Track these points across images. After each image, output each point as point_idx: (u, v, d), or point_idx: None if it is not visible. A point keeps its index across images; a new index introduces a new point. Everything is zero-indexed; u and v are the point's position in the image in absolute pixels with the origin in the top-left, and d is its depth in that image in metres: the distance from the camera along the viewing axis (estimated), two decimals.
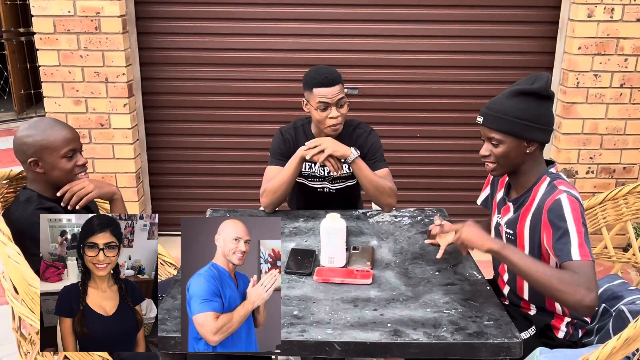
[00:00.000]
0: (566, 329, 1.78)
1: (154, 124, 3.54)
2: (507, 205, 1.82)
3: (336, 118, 2.18)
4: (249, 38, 3.40)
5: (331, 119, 2.17)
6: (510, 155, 1.69)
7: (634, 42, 3.18)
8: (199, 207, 3.45)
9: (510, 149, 1.68)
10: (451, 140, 3.57)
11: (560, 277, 1.51)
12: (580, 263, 1.53)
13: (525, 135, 1.66)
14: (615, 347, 1.41)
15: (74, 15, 3.13)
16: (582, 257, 1.53)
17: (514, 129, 1.66)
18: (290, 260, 1.85)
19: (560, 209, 1.59)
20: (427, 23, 3.39)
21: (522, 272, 1.56)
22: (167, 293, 1.65)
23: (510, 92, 1.69)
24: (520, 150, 1.69)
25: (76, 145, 1.83)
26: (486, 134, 1.71)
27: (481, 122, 1.72)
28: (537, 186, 1.71)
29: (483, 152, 1.73)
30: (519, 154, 1.69)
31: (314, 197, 2.41)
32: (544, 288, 1.53)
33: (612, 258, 2.30)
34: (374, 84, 3.47)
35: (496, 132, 1.68)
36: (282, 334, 1.45)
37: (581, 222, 1.58)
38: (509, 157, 1.70)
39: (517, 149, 1.68)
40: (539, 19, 3.37)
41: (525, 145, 1.68)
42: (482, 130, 1.72)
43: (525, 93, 1.67)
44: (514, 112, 1.66)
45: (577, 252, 1.54)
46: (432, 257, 1.89)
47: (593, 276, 1.52)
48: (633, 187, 2.17)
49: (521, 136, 1.66)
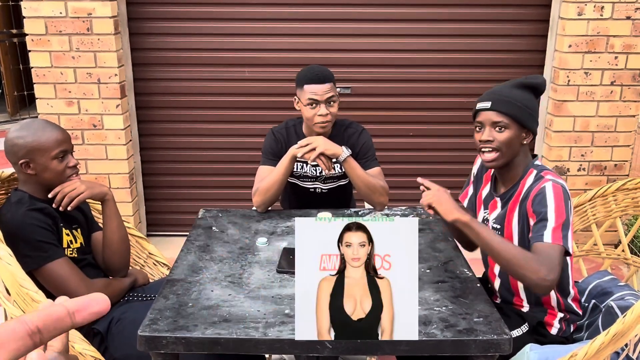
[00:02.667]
0: (559, 325, 1.80)
1: (147, 125, 3.54)
2: (494, 200, 1.83)
3: (325, 116, 2.18)
4: (242, 38, 3.41)
5: (320, 116, 2.18)
6: (512, 142, 1.71)
7: (624, 40, 3.20)
8: (192, 207, 3.45)
9: (513, 136, 1.70)
10: (443, 139, 3.59)
11: (526, 255, 1.57)
12: (549, 246, 1.57)
13: (528, 124, 1.71)
14: (604, 343, 1.43)
15: (66, 16, 3.13)
16: (554, 241, 1.57)
17: (522, 115, 1.69)
18: (282, 259, 1.86)
19: (544, 196, 1.63)
20: (419, 22, 3.40)
21: (488, 247, 1.59)
22: (159, 293, 1.66)
23: (514, 84, 1.74)
24: (519, 139, 1.72)
25: (67, 147, 1.83)
26: (492, 118, 1.70)
27: (489, 107, 1.70)
28: (524, 179, 1.74)
29: (486, 137, 1.71)
30: (517, 143, 1.72)
31: (306, 197, 2.42)
32: (508, 264, 1.57)
33: (601, 254, 2.32)
34: (366, 83, 3.48)
35: (505, 116, 1.69)
36: (273, 332, 1.46)
37: (563, 209, 1.61)
38: (510, 144, 1.71)
39: (517, 138, 1.71)
40: (530, 18, 3.39)
41: (523, 135, 1.72)
42: (487, 115, 1.71)
43: (529, 86, 1.73)
44: (521, 99, 1.70)
45: (550, 235, 1.58)
46: (423, 255, 1.90)
47: (557, 259, 1.56)
48: (622, 184, 2.19)
49: (525, 124, 1.70)
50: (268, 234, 2.09)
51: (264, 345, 1.45)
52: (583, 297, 1.96)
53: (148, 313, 1.54)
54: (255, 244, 2.01)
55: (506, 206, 1.77)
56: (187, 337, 1.44)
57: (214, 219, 2.19)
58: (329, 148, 2.15)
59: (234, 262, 1.87)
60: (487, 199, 1.89)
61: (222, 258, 1.89)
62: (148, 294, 2.00)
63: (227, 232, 2.10)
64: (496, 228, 1.80)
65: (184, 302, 1.60)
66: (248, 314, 1.54)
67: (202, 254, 1.91)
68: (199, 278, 1.74)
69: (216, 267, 1.83)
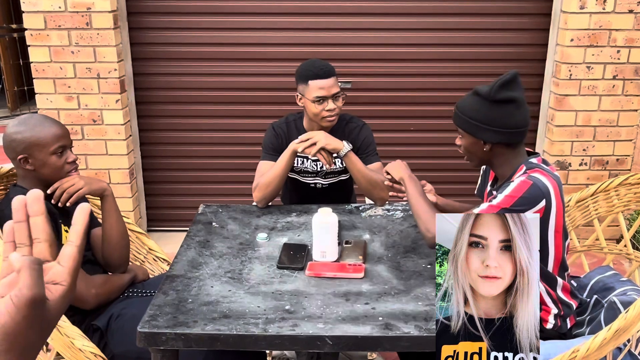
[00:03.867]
0: (554, 320, 1.79)
1: (147, 120, 3.53)
2: (493, 195, 1.84)
3: (332, 110, 2.18)
4: (242, 32, 3.39)
5: (327, 111, 2.17)
6: (470, 149, 1.77)
7: (626, 34, 3.18)
8: (192, 203, 3.44)
9: (468, 144, 1.76)
10: (444, 134, 3.57)
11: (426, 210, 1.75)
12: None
13: (476, 135, 1.72)
14: (606, 338, 1.42)
15: (65, 10, 3.11)
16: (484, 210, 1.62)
17: (465, 127, 1.73)
18: (283, 254, 1.85)
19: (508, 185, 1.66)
20: (420, 16, 3.38)
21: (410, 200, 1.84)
22: (159, 289, 1.65)
23: (472, 91, 1.75)
24: (479, 147, 1.74)
25: (66, 142, 1.82)
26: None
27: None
28: (514, 176, 1.74)
29: (456, 142, 1.82)
30: (479, 150, 1.75)
31: (306, 192, 2.41)
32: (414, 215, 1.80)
33: (604, 250, 2.31)
34: (367, 78, 3.46)
35: (458, 127, 1.77)
36: (273, 328, 1.45)
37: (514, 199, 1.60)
38: (470, 151, 1.78)
39: (475, 145, 1.75)
40: (532, 11, 3.37)
41: (481, 143, 1.73)
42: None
43: (477, 94, 1.72)
44: (468, 111, 1.73)
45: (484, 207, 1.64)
46: (424, 250, 1.90)
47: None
48: (624, 179, 2.18)
49: (473, 135, 1.72)
50: (268, 230, 2.08)
51: (264, 342, 1.45)
52: (585, 292, 1.95)
53: (147, 309, 1.53)
54: (255, 239, 2.00)
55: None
56: (187, 333, 1.44)
57: (214, 215, 2.19)
58: (329, 142, 2.14)
59: (234, 258, 1.86)
60: (489, 193, 1.90)
61: (222, 254, 1.89)
62: (148, 290, 1.99)
63: (227, 227, 2.09)
64: None
65: (184, 298, 1.59)
66: (248, 310, 1.54)
67: (202, 250, 1.90)
68: (198, 274, 1.74)
69: (216, 262, 1.82)
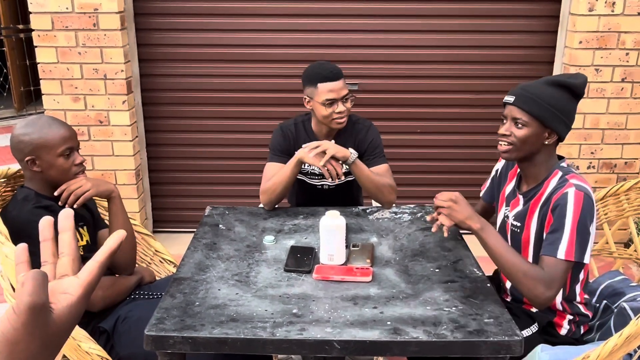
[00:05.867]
0: (569, 326, 1.77)
1: (154, 121, 3.53)
2: (517, 197, 1.81)
3: (343, 112, 2.16)
4: (249, 34, 3.39)
5: (338, 113, 2.16)
6: (529, 140, 1.68)
7: (635, 37, 3.16)
8: (199, 204, 3.44)
9: (531, 134, 1.68)
10: (452, 136, 3.56)
11: (526, 270, 1.58)
12: (556, 262, 1.57)
13: (551, 124, 1.66)
14: (616, 345, 1.40)
15: (72, 11, 3.12)
16: (566, 256, 1.57)
17: (544, 114, 1.66)
18: (290, 257, 1.84)
19: (564, 204, 1.60)
20: (427, 18, 3.37)
21: (493, 256, 1.64)
22: (166, 292, 1.64)
23: (548, 81, 1.70)
24: (540, 138, 1.69)
25: (73, 144, 1.82)
26: (513, 114, 1.69)
27: (511, 102, 1.70)
28: (548, 180, 1.71)
29: (503, 131, 1.71)
30: (537, 142, 1.69)
31: (313, 194, 2.40)
32: (509, 276, 1.63)
33: (613, 254, 2.29)
34: (374, 80, 3.45)
35: (525, 114, 1.67)
36: (281, 332, 1.44)
37: (579, 220, 1.57)
38: (527, 142, 1.69)
39: (537, 136, 1.68)
40: (540, 13, 3.35)
41: (545, 135, 1.68)
42: (510, 109, 1.71)
43: (563, 85, 1.68)
44: (548, 98, 1.66)
45: (561, 250, 1.57)
46: (432, 254, 1.88)
47: (560, 276, 1.57)
48: (634, 183, 2.16)
49: (548, 124, 1.66)
50: (275, 232, 2.07)
51: (272, 346, 1.43)
52: (594, 297, 1.93)
53: (155, 312, 1.52)
54: (262, 242, 1.99)
55: (528, 204, 1.75)
56: (194, 336, 1.43)
57: (221, 217, 2.18)
58: (339, 150, 2.11)
59: (241, 261, 1.85)
60: (509, 196, 1.86)
61: (229, 256, 1.88)
62: (154, 292, 1.98)
63: (234, 229, 2.08)
64: (516, 225, 1.78)
65: (191, 301, 1.58)
66: (255, 313, 1.53)
67: (209, 252, 1.89)
68: (205, 276, 1.73)
69: (223, 265, 1.81)
